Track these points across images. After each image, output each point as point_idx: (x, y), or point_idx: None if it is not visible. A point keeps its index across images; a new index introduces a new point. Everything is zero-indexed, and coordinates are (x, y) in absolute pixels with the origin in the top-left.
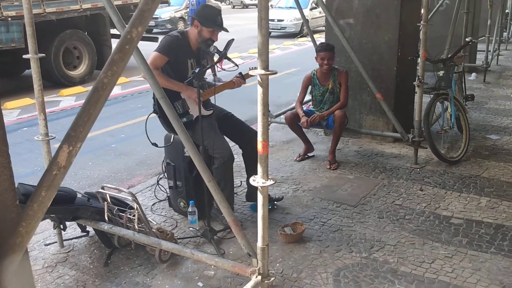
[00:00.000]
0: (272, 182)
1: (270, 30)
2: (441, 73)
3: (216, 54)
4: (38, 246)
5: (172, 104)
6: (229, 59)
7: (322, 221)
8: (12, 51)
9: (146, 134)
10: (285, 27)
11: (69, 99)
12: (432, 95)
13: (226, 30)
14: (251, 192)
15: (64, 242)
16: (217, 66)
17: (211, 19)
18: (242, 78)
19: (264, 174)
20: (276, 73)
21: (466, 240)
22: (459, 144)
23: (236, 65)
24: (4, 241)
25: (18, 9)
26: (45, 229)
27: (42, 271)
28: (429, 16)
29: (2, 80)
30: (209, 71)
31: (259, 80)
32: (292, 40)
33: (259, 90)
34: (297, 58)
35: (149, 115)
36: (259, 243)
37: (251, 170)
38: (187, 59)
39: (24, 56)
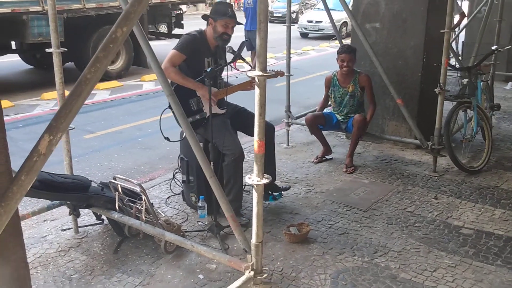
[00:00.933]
0: (267, 180)
1: (307, 31)
2: (465, 81)
3: (231, 54)
4: (55, 231)
5: (187, 101)
6: (243, 59)
7: (330, 223)
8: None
9: (160, 128)
10: (323, 29)
11: (104, 93)
12: (455, 103)
13: (239, 23)
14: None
15: (80, 229)
16: (231, 66)
17: (222, 12)
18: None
19: (260, 173)
20: (276, 76)
21: (473, 250)
22: (481, 154)
23: (251, 65)
24: None
25: (59, 3)
26: (63, 215)
27: (55, 254)
28: (465, 23)
29: (42, 72)
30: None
31: (257, 81)
32: (329, 42)
33: (257, 91)
34: (332, 60)
35: (164, 110)
36: (253, 240)
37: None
38: (204, 58)
39: (47, 50)
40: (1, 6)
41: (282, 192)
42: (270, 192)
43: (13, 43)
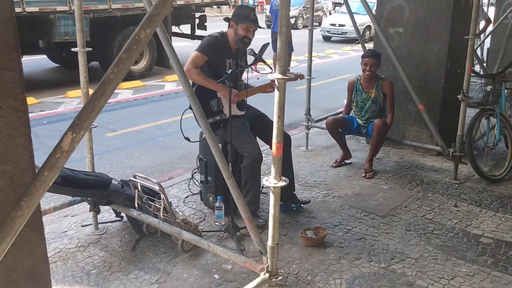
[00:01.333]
0: (284, 183)
1: (330, 34)
2: (488, 88)
3: (252, 56)
4: (75, 227)
5: (208, 102)
6: (264, 62)
7: (347, 228)
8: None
9: (181, 128)
10: (346, 32)
11: (127, 92)
12: (478, 110)
13: (260, 27)
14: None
15: (99, 225)
16: (252, 68)
17: (244, 16)
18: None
19: (277, 175)
20: (296, 79)
21: (492, 260)
22: (503, 163)
23: (271, 68)
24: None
25: (86, 3)
26: (84, 211)
27: (75, 249)
28: (491, 29)
29: (68, 70)
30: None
31: (276, 84)
32: (351, 45)
33: (276, 93)
34: (354, 64)
35: (184, 111)
36: (269, 242)
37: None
38: (225, 59)
39: (72, 50)
40: (29, 5)
41: (302, 206)
42: (288, 202)
43: (40, 41)
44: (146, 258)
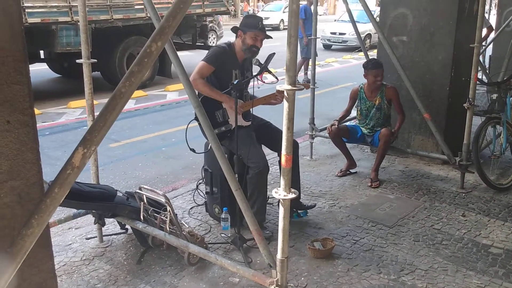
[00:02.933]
0: (293, 195)
1: (331, 43)
2: (494, 96)
3: (258, 66)
4: (80, 240)
5: (213, 112)
6: (270, 72)
7: (355, 239)
8: (79, 53)
9: (186, 140)
10: (347, 41)
11: (129, 102)
12: (484, 118)
13: (269, 37)
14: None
15: (104, 238)
16: (258, 79)
17: (252, 25)
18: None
19: (286, 187)
20: (303, 89)
21: (502, 271)
22: (510, 171)
23: (277, 78)
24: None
25: (87, 14)
26: (88, 223)
27: (80, 263)
28: (493, 37)
29: (69, 80)
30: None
31: (286, 95)
32: (351, 54)
33: (285, 104)
34: (355, 72)
35: (190, 122)
36: (279, 255)
37: None
38: (232, 70)
39: (77, 61)
40: (32, 16)
41: (308, 210)
42: (294, 209)
43: (41, 52)
44: (152, 271)
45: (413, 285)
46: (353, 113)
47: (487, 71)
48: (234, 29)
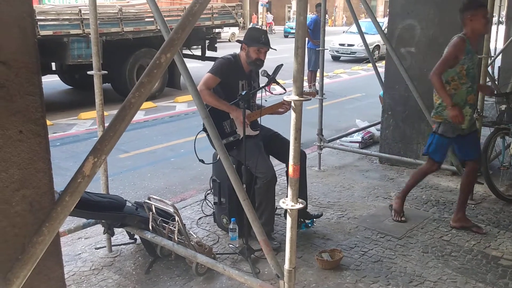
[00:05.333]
0: (301, 205)
1: (339, 54)
2: (503, 107)
3: (265, 77)
4: (89, 249)
5: (221, 123)
6: (277, 83)
7: (363, 250)
8: (90, 65)
9: (195, 150)
10: (355, 52)
11: (139, 113)
12: (493, 129)
13: (272, 49)
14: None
15: (113, 247)
16: (266, 90)
17: (255, 39)
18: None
19: (294, 197)
20: (310, 99)
21: None
22: None
23: (285, 89)
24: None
25: (98, 27)
26: (97, 233)
27: (89, 273)
28: (503, 47)
29: (80, 92)
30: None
31: (293, 106)
32: (360, 65)
33: (293, 115)
34: (364, 83)
35: (198, 133)
36: (286, 266)
37: None
38: (238, 81)
39: (88, 73)
40: (44, 28)
41: (314, 220)
42: (302, 220)
43: (53, 63)
44: (160, 281)
45: None
46: (362, 123)
47: (497, 82)
48: (239, 42)
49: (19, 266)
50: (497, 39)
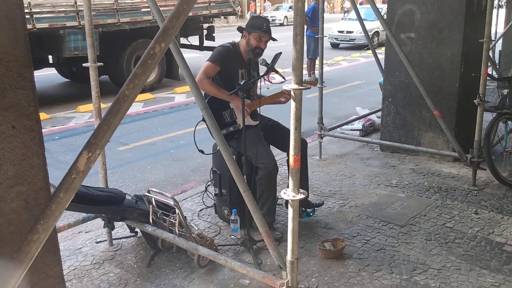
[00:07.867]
0: (302, 196)
1: (338, 41)
2: (505, 91)
3: (264, 66)
4: (90, 243)
5: (220, 113)
6: (276, 71)
7: (366, 239)
8: (88, 57)
9: (194, 141)
10: (354, 39)
11: (138, 105)
12: (495, 114)
13: (274, 39)
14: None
15: (114, 241)
16: (264, 79)
17: (257, 26)
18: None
19: (295, 188)
20: (310, 88)
21: None
22: None
23: (284, 78)
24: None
25: (94, 18)
26: (98, 227)
27: (90, 267)
28: (503, 31)
29: (78, 85)
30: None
31: (293, 95)
32: (360, 52)
33: (292, 104)
34: (363, 70)
35: (197, 124)
36: (289, 256)
37: None
38: (238, 69)
39: (84, 65)
40: (39, 21)
41: (316, 209)
42: (303, 208)
43: (50, 56)
44: (162, 274)
45: (426, 285)
46: (363, 111)
47: (497, 66)
48: (240, 29)
49: (15, 265)
50: (497, 23)
